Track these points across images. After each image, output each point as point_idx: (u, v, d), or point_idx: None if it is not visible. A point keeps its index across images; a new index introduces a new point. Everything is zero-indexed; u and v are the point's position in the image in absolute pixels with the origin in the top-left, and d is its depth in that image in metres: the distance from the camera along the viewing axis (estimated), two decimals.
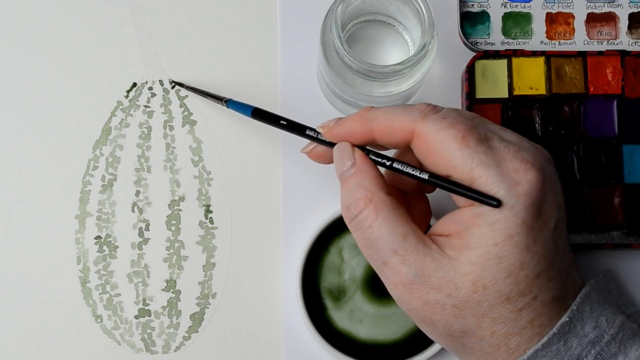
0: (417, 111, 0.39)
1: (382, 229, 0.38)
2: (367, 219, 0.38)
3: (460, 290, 0.37)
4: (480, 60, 0.54)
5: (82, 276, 0.54)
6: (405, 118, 0.39)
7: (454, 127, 0.37)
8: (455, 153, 0.37)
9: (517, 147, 0.38)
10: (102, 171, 0.54)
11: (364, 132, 0.40)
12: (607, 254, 0.54)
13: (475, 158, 0.37)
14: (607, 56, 0.54)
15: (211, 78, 0.55)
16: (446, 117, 0.38)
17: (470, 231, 0.37)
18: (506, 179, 0.36)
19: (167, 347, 0.53)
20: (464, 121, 0.38)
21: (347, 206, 0.39)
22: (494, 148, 0.37)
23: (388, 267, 0.38)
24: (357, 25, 0.50)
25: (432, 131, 0.38)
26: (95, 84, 0.55)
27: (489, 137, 0.38)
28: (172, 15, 0.56)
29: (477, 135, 0.37)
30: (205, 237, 0.54)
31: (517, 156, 0.37)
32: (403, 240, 0.38)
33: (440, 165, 0.38)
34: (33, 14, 0.55)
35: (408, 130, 0.38)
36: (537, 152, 0.38)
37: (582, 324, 0.38)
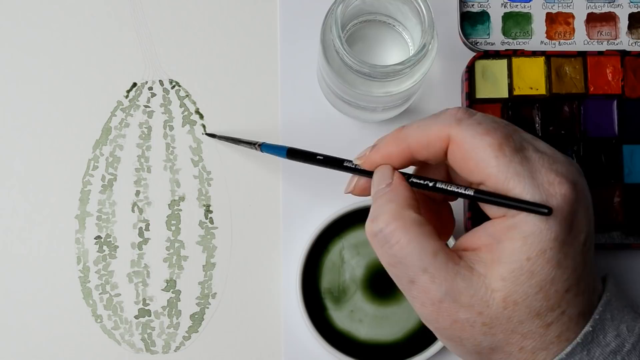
0: (451, 116, 0.38)
1: (412, 246, 0.37)
2: (393, 235, 0.37)
3: (490, 308, 0.36)
4: (480, 60, 0.54)
5: (82, 276, 0.54)
6: (439, 125, 0.38)
7: (490, 135, 0.37)
8: (491, 161, 0.36)
9: (552, 159, 0.37)
10: (102, 171, 0.54)
11: (402, 151, 0.39)
12: (607, 254, 0.54)
13: (511, 168, 0.36)
14: (607, 56, 0.54)
15: (211, 78, 0.55)
16: (482, 123, 0.37)
17: (503, 245, 0.36)
18: (540, 191, 0.36)
19: (167, 347, 0.53)
20: (500, 128, 0.37)
21: (374, 219, 0.38)
22: (529, 159, 0.37)
23: (416, 286, 0.37)
24: (357, 25, 0.50)
25: (468, 137, 0.37)
26: (95, 84, 0.55)
27: (524, 146, 0.37)
28: (172, 15, 0.56)
29: (513, 144, 0.37)
30: (205, 237, 0.54)
31: (551, 168, 0.37)
32: (433, 257, 0.37)
33: (474, 172, 0.37)
34: (33, 14, 0.55)
35: (444, 137, 0.38)
36: (570, 165, 0.38)
37: (604, 333, 0.37)
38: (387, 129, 0.55)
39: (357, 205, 0.52)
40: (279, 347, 0.53)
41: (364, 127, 0.55)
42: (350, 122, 0.55)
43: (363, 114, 0.53)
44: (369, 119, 0.54)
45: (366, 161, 0.41)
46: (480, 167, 0.37)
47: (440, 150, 0.38)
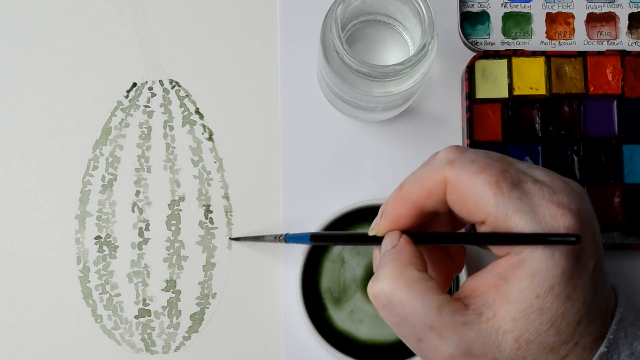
0: (442, 159, 0.38)
1: (414, 303, 0.36)
2: (396, 295, 0.36)
3: (503, 351, 0.35)
4: (480, 60, 0.54)
5: (82, 276, 0.54)
6: (433, 172, 0.37)
7: (485, 172, 0.36)
8: (490, 200, 0.36)
9: (551, 189, 0.36)
10: (102, 171, 0.54)
11: (409, 210, 0.38)
12: (607, 254, 0.54)
13: (511, 205, 0.35)
14: (607, 56, 0.54)
15: (211, 78, 0.55)
16: (475, 161, 0.37)
17: (510, 284, 0.36)
18: (543, 225, 0.35)
19: (167, 347, 0.53)
20: (495, 164, 0.37)
21: (375, 279, 0.37)
22: (528, 192, 0.36)
23: (425, 344, 0.36)
24: (357, 25, 0.50)
25: (463, 177, 0.36)
26: (95, 84, 0.55)
27: (521, 179, 0.36)
28: (172, 15, 0.56)
29: (510, 179, 0.36)
30: (205, 237, 0.54)
31: (552, 200, 0.36)
32: (438, 312, 0.36)
33: (475, 212, 0.36)
34: (33, 13, 0.55)
35: (441, 182, 0.37)
36: (571, 192, 0.37)
37: (618, 353, 0.37)
38: (387, 129, 0.55)
39: (357, 205, 0.52)
40: (279, 347, 0.53)
41: (364, 127, 0.55)
42: (350, 122, 0.55)
43: (363, 114, 0.53)
44: (369, 119, 0.54)
45: (379, 230, 0.39)
46: (480, 206, 0.36)
47: (443, 196, 0.38)
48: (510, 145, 0.53)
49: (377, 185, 0.54)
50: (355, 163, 0.55)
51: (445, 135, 0.55)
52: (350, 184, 0.54)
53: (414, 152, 0.55)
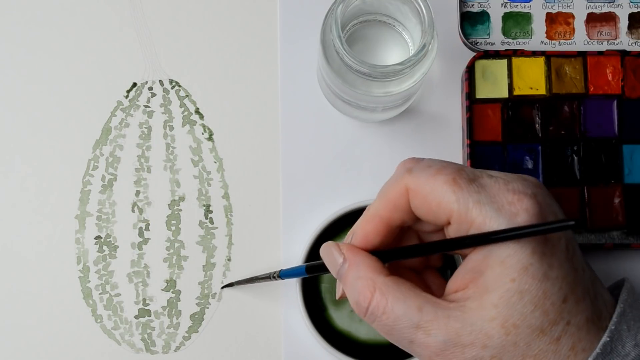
0: (401, 170, 0.39)
1: (395, 310, 0.37)
2: (377, 308, 0.38)
3: (492, 338, 0.36)
4: (480, 60, 0.54)
5: (82, 276, 0.54)
6: (394, 183, 0.39)
7: (442, 172, 0.37)
8: (450, 197, 0.37)
9: (505, 180, 0.38)
10: (102, 171, 0.54)
11: (377, 226, 0.40)
12: (607, 254, 0.54)
13: (470, 198, 0.37)
14: (607, 56, 0.54)
15: (211, 78, 0.55)
16: (431, 165, 0.38)
17: (485, 275, 0.36)
18: (503, 212, 0.36)
19: (167, 347, 0.53)
20: (450, 165, 0.38)
21: (356, 302, 0.38)
22: (485, 185, 0.37)
23: (416, 344, 0.37)
24: (357, 25, 0.50)
25: (422, 181, 0.38)
26: (95, 84, 0.55)
27: (477, 175, 0.38)
28: (172, 15, 0.56)
29: (466, 175, 0.37)
30: (205, 237, 0.54)
31: (507, 188, 0.37)
32: (419, 312, 0.37)
33: (438, 212, 0.37)
34: (33, 14, 0.55)
35: (402, 191, 0.39)
36: (524, 180, 0.38)
37: (622, 344, 0.37)
38: (387, 129, 0.55)
39: (357, 205, 0.52)
40: (279, 347, 0.53)
41: (364, 127, 0.55)
42: (350, 122, 0.55)
43: (363, 114, 0.53)
44: (369, 119, 0.54)
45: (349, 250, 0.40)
46: (442, 206, 0.37)
47: (407, 205, 0.39)
48: (510, 145, 0.53)
49: (377, 185, 0.54)
50: (355, 163, 0.55)
51: (445, 135, 0.55)
52: (350, 184, 0.54)
53: (414, 152, 0.55)
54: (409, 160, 0.40)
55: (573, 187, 0.53)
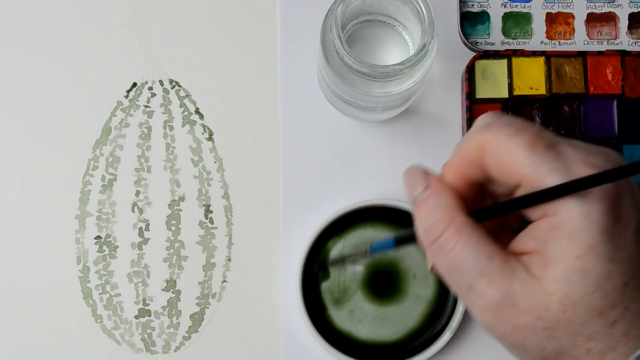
0: (479, 124, 0.38)
1: (466, 250, 0.36)
2: (448, 242, 0.36)
3: (549, 311, 0.35)
4: (480, 60, 0.54)
5: (82, 276, 0.54)
6: (469, 139, 0.37)
7: (520, 134, 0.36)
8: (524, 161, 0.35)
9: (586, 150, 0.36)
10: (102, 171, 0.54)
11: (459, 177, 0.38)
12: None
13: (544, 165, 0.35)
14: (607, 56, 0.54)
15: (211, 78, 0.55)
16: (511, 124, 0.37)
17: (549, 246, 0.35)
18: None
19: (167, 347, 0.53)
20: (530, 127, 0.36)
21: (426, 229, 0.37)
22: (562, 153, 0.36)
23: (474, 291, 0.36)
24: (357, 25, 0.50)
25: (499, 140, 0.36)
26: (95, 84, 0.55)
27: (556, 141, 0.36)
28: (172, 15, 0.56)
29: (545, 141, 0.36)
30: (205, 237, 0.54)
31: (586, 161, 0.35)
32: (489, 260, 0.36)
33: (510, 174, 0.36)
34: (33, 14, 0.55)
35: (478, 146, 0.37)
36: (606, 155, 0.36)
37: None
38: (387, 129, 0.55)
39: (357, 205, 0.52)
40: (279, 347, 0.53)
41: (364, 127, 0.55)
42: (350, 122, 0.55)
43: (363, 114, 0.53)
44: (369, 119, 0.54)
45: (434, 180, 0.38)
46: (515, 169, 0.36)
47: (481, 162, 0.37)
48: None
49: (377, 185, 0.54)
50: (355, 163, 0.55)
51: (445, 135, 0.55)
52: (350, 184, 0.54)
53: (414, 152, 0.55)
54: (489, 115, 0.38)
55: None
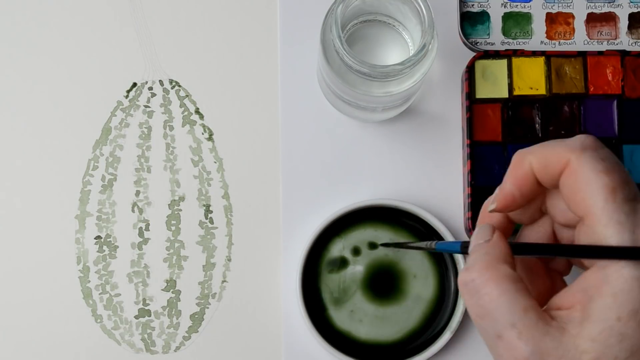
0: (577, 142, 0.37)
1: (502, 299, 0.36)
2: (486, 286, 0.36)
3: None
4: (480, 60, 0.54)
5: (82, 276, 0.54)
6: (563, 147, 0.37)
7: (608, 175, 0.36)
8: (599, 202, 0.35)
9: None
10: (102, 171, 0.54)
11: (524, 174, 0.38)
12: None
13: (615, 216, 0.35)
14: (607, 56, 0.54)
15: (211, 78, 0.55)
16: (604, 160, 0.36)
17: (593, 301, 0.35)
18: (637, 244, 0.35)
19: (167, 347, 0.53)
20: (620, 171, 0.36)
21: (468, 268, 0.37)
22: (638, 211, 0.35)
23: (503, 341, 0.36)
24: (357, 25, 0.50)
25: (586, 168, 0.36)
26: (95, 84, 0.55)
27: (637, 198, 0.36)
28: (172, 15, 0.56)
29: (628, 192, 0.36)
30: (205, 237, 0.54)
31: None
32: (523, 313, 0.35)
33: (580, 205, 0.36)
34: (33, 14, 0.55)
35: (564, 160, 0.37)
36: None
37: None
38: (387, 129, 0.55)
39: (357, 205, 0.52)
40: (279, 347, 0.53)
41: (364, 127, 0.55)
42: (350, 122, 0.55)
43: (363, 114, 0.53)
44: (369, 119, 0.54)
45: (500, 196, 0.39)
46: (587, 203, 0.36)
47: (557, 172, 0.37)
48: (510, 145, 0.53)
49: (377, 185, 0.54)
50: (355, 163, 0.55)
51: (445, 135, 0.55)
52: (350, 184, 0.54)
53: (414, 152, 0.55)
54: (591, 140, 0.38)
55: None
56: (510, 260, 0.37)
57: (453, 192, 0.54)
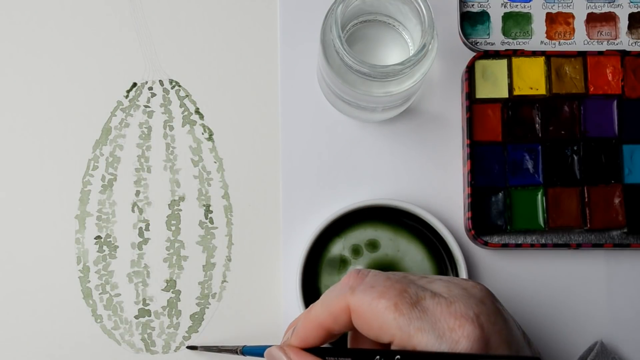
0: (344, 286, 0.39)
1: None
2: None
3: None
4: (480, 60, 0.54)
5: (82, 276, 0.54)
6: (337, 300, 0.39)
7: (384, 297, 0.38)
8: (392, 323, 0.37)
9: (448, 300, 0.37)
10: (102, 171, 0.54)
11: (317, 331, 0.40)
12: (607, 254, 0.54)
13: (411, 326, 0.37)
14: (607, 56, 0.54)
15: (211, 78, 0.55)
16: (375, 286, 0.38)
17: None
18: (444, 340, 0.36)
19: (167, 347, 0.53)
20: (393, 286, 0.38)
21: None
22: (427, 309, 0.37)
23: None
24: (357, 25, 0.50)
25: (365, 304, 0.38)
26: (95, 84, 0.55)
27: (420, 297, 0.38)
28: (172, 15, 0.56)
29: (409, 299, 0.37)
30: (205, 237, 0.54)
31: (450, 311, 0.37)
32: None
33: (381, 334, 0.38)
34: (33, 14, 0.55)
35: (345, 308, 0.39)
36: (469, 299, 0.38)
37: None
38: (387, 129, 0.55)
39: (357, 205, 0.52)
40: None
41: (364, 127, 0.55)
42: (350, 122, 0.55)
43: (363, 114, 0.53)
44: (369, 119, 0.54)
45: (294, 355, 0.41)
46: (384, 329, 0.37)
47: (348, 320, 0.39)
48: (510, 145, 0.53)
49: (377, 185, 0.54)
50: (355, 163, 0.55)
51: (445, 135, 0.55)
52: (350, 183, 0.54)
53: (413, 152, 0.55)
54: (353, 277, 0.40)
55: (573, 187, 0.53)
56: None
57: (453, 192, 0.54)
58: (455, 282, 0.39)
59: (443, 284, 0.39)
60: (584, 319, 0.54)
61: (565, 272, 0.54)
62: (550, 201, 0.53)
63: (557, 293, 0.54)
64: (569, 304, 0.54)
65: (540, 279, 0.54)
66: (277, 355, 0.41)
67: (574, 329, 0.53)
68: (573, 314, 0.54)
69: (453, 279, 0.39)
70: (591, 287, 0.54)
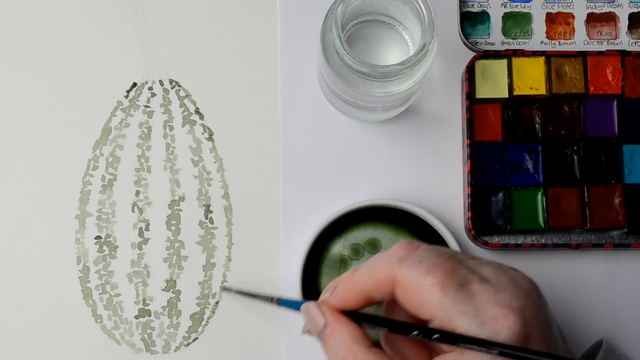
0: (393, 256, 0.38)
1: None
2: None
3: None
4: (480, 60, 0.54)
5: (82, 276, 0.54)
6: (384, 267, 0.38)
7: (431, 274, 0.37)
8: (435, 303, 0.36)
9: (496, 288, 0.37)
10: (102, 171, 0.54)
11: (357, 296, 0.39)
12: (607, 254, 0.54)
13: (455, 308, 0.36)
14: (607, 56, 0.54)
15: (211, 78, 0.55)
16: (423, 261, 0.37)
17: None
18: (486, 328, 0.35)
19: (167, 347, 0.53)
20: (442, 264, 0.37)
21: None
22: (473, 294, 0.36)
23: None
24: (357, 25, 0.50)
25: (411, 278, 0.37)
26: (95, 84, 0.55)
27: (468, 280, 0.37)
28: (172, 15, 0.56)
29: (456, 280, 0.37)
30: (205, 237, 0.54)
31: (495, 300, 0.36)
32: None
33: (422, 311, 0.37)
34: (33, 13, 0.55)
35: (390, 278, 0.38)
36: (515, 289, 0.37)
37: None
38: (387, 129, 0.55)
39: (357, 205, 0.52)
40: (279, 347, 0.53)
41: (364, 127, 0.55)
42: (350, 122, 0.55)
43: (363, 114, 0.53)
44: (369, 119, 0.54)
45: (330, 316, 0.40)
46: (426, 307, 0.37)
47: (390, 291, 0.38)
48: (510, 145, 0.53)
49: (377, 185, 0.54)
50: (355, 163, 0.55)
51: (445, 135, 0.55)
52: (350, 183, 0.54)
53: (414, 152, 0.55)
54: (404, 247, 0.39)
55: (573, 187, 0.53)
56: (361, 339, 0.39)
57: (453, 192, 0.54)
58: (504, 270, 0.38)
59: (491, 269, 0.38)
60: (583, 319, 0.54)
61: (565, 272, 0.54)
62: (550, 201, 0.53)
63: (557, 293, 0.54)
64: (569, 304, 0.54)
65: (540, 279, 0.54)
66: (314, 312, 0.40)
67: (574, 329, 0.53)
68: (573, 314, 0.54)
69: (502, 266, 0.38)
70: (591, 287, 0.54)
